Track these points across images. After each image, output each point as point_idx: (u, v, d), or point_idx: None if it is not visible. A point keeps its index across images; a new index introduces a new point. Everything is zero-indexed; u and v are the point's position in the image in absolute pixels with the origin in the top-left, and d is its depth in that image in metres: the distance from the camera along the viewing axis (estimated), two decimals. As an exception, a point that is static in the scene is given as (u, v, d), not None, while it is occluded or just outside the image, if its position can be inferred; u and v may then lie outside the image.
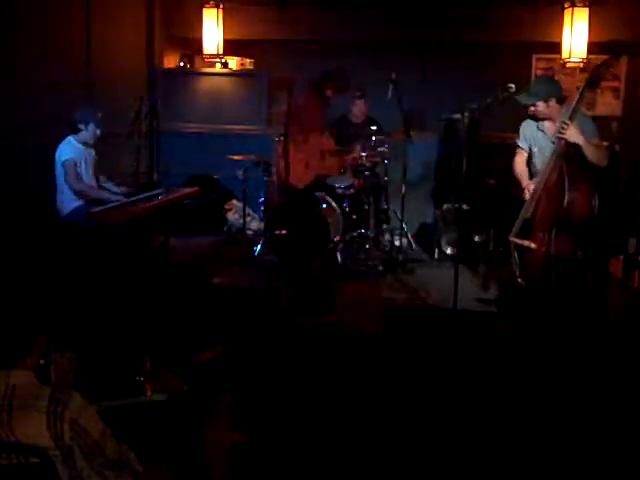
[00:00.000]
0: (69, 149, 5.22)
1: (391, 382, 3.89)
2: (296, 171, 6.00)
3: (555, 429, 3.41)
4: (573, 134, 4.32)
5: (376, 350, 4.33)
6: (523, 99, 4.61)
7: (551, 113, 4.57)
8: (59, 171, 5.19)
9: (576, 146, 4.38)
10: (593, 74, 4.46)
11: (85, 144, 5.32)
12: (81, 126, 5.26)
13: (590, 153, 4.34)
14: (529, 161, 4.80)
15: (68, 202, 5.20)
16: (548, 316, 4.39)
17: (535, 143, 4.71)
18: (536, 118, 4.67)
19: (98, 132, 5.34)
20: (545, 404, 3.63)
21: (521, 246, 4.60)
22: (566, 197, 4.32)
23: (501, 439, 3.36)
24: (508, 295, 4.98)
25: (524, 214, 4.60)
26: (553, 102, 4.55)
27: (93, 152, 5.45)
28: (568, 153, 4.41)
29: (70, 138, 5.27)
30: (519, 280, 4.60)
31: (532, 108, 4.62)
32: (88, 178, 5.35)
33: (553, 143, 4.50)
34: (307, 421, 3.48)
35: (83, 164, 5.30)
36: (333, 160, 6.25)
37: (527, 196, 4.62)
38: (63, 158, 5.17)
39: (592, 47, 6.68)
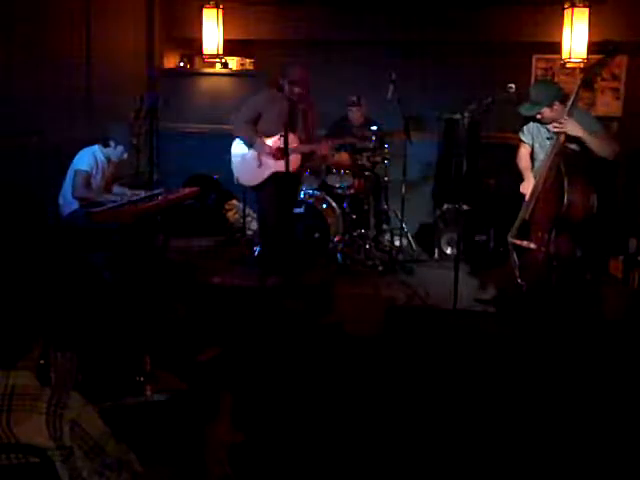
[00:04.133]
0: (89, 160, 5.21)
1: (391, 382, 3.89)
2: (248, 171, 5.65)
3: (555, 430, 3.41)
4: (572, 127, 4.32)
5: (376, 350, 4.33)
6: (527, 111, 4.57)
7: (557, 116, 4.50)
8: (70, 175, 5.19)
9: (575, 144, 4.38)
10: (587, 74, 4.49)
11: (108, 160, 5.34)
12: (111, 143, 5.28)
13: (595, 146, 4.33)
14: (531, 158, 4.80)
15: (70, 204, 5.19)
16: (548, 316, 4.40)
17: (537, 140, 4.70)
18: (543, 123, 4.62)
19: (125, 156, 5.40)
20: (545, 405, 3.63)
21: (520, 246, 4.60)
22: (565, 197, 4.32)
23: (500, 439, 3.36)
24: (508, 295, 4.98)
25: (523, 215, 4.60)
26: (557, 105, 4.52)
27: (112, 167, 5.46)
28: (566, 152, 4.41)
29: (97, 148, 5.29)
30: (519, 280, 4.60)
31: (538, 116, 4.58)
32: (96, 187, 5.34)
33: (550, 139, 4.51)
34: (307, 421, 3.48)
35: (99, 175, 5.31)
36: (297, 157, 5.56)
37: (524, 192, 4.63)
38: (78, 167, 5.17)
39: (592, 47, 6.67)
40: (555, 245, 4.44)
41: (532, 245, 4.54)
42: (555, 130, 4.41)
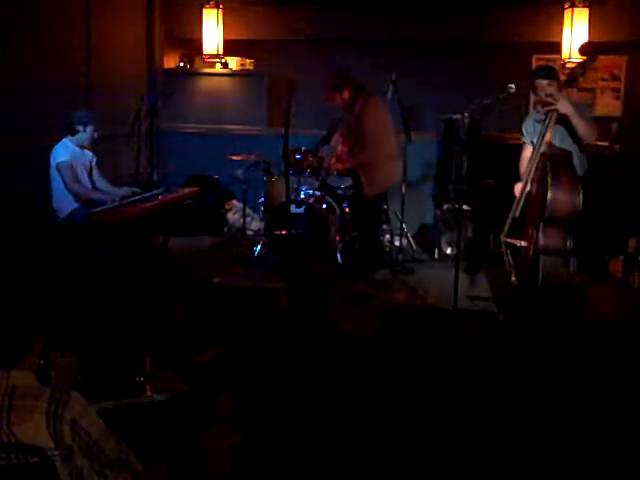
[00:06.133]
0: (64, 151, 5.15)
1: (390, 383, 3.89)
2: None
3: (554, 429, 3.41)
4: (564, 105, 4.45)
5: (375, 350, 4.33)
6: (544, 78, 4.65)
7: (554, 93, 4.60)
8: (53, 173, 5.13)
9: (562, 142, 4.44)
10: (570, 75, 4.70)
11: (81, 147, 5.26)
12: (79, 127, 5.19)
13: (581, 127, 4.46)
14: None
15: (67, 204, 5.15)
16: (543, 315, 4.40)
17: (534, 136, 4.74)
18: (543, 106, 4.68)
19: (95, 135, 5.28)
20: (545, 406, 3.63)
21: (513, 245, 4.63)
22: (549, 194, 4.37)
23: (500, 440, 3.36)
24: (504, 295, 4.99)
25: (513, 213, 4.64)
26: (561, 83, 4.67)
27: (90, 155, 5.40)
28: (552, 153, 4.49)
29: (66, 140, 5.21)
30: (513, 279, 4.62)
31: (547, 87, 4.63)
32: (84, 182, 5.32)
33: (543, 121, 4.55)
34: (306, 421, 3.48)
35: (79, 167, 5.24)
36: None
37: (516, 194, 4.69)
38: (58, 160, 5.11)
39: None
40: (543, 242, 4.47)
41: (523, 243, 4.59)
42: (547, 109, 4.48)
